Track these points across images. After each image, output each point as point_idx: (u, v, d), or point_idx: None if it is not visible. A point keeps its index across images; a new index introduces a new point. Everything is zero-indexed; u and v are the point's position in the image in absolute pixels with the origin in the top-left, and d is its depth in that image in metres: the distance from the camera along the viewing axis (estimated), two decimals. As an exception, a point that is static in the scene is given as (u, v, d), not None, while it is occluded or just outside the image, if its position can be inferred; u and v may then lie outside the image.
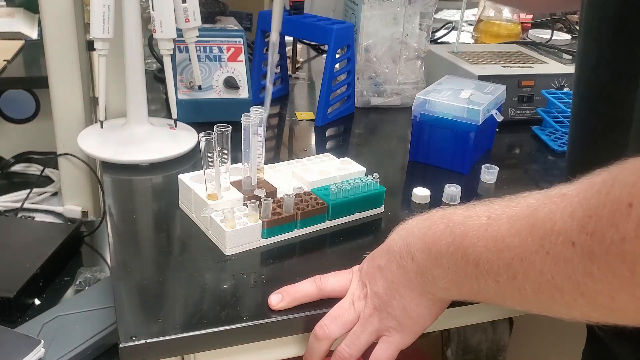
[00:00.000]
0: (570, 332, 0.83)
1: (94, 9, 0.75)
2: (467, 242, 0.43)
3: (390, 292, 0.50)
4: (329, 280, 0.55)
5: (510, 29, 1.47)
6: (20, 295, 0.78)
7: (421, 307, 0.50)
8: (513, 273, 0.40)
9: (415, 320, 0.50)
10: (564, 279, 0.37)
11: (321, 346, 0.52)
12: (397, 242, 0.50)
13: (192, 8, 0.79)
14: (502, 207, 0.42)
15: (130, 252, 0.61)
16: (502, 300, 0.44)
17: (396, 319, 0.50)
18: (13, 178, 1.21)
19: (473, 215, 0.44)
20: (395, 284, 0.50)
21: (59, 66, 0.96)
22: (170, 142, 0.82)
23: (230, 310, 0.52)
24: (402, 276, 0.49)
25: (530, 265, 0.39)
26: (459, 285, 0.45)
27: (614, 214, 0.33)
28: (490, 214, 0.43)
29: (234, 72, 0.91)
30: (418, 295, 0.49)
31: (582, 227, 0.35)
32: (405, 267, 0.49)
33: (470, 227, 0.44)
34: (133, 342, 0.48)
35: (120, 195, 0.73)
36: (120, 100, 0.86)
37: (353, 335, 0.52)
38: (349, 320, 0.52)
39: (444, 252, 0.45)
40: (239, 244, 0.61)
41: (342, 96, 1.00)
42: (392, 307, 0.50)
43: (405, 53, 1.03)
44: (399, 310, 0.50)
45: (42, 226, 0.97)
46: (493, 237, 0.41)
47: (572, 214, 0.36)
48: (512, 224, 0.40)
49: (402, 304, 0.50)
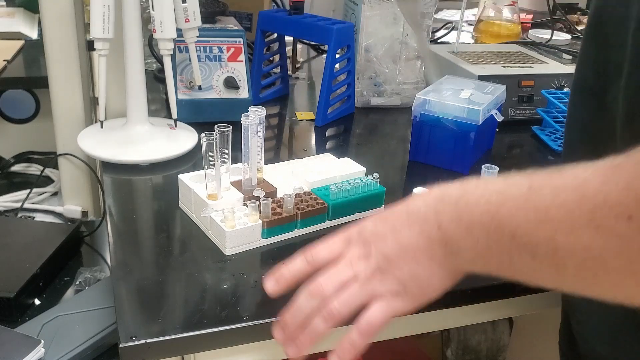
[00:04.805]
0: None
1: (94, 9, 0.75)
2: (504, 212, 0.40)
3: (402, 256, 0.46)
4: (319, 251, 0.51)
5: (510, 29, 1.46)
6: (20, 295, 0.78)
7: (434, 278, 0.46)
8: (554, 247, 0.37)
9: (424, 290, 0.47)
10: (614, 256, 0.34)
11: (311, 304, 0.49)
12: (421, 207, 0.46)
13: (192, 8, 0.79)
14: (546, 177, 0.39)
15: (130, 252, 0.61)
16: (533, 276, 0.41)
17: (403, 285, 0.46)
18: (13, 178, 1.21)
19: (512, 184, 0.41)
20: (411, 249, 0.46)
21: (59, 66, 0.96)
22: (171, 142, 0.82)
23: (230, 310, 0.52)
24: (422, 243, 0.45)
25: (577, 240, 0.36)
26: (487, 258, 0.42)
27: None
28: (532, 183, 0.39)
29: (234, 72, 0.91)
30: (437, 266, 0.45)
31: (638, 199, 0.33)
32: (429, 234, 0.45)
33: (509, 196, 0.40)
34: (133, 342, 0.48)
35: (120, 195, 0.73)
36: (120, 100, 0.86)
37: (348, 294, 0.48)
38: (345, 280, 0.48)
39: (477, 222, 0.42)
40: (239, 244, 0.61)
41: (342, 96, 1.00)
42: (402, 272, 0.46)
43: (405, 53, 1.03)
44: (408, 276, 0.46)
45: (42, 226, 0.97)
46: (534, 208, 0.38)
47: (629, 185, 0.33)
48: (557, 194, 0.37)
49: (415, 271, 0.46)
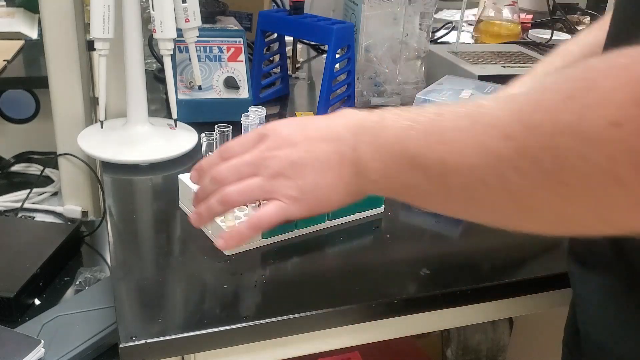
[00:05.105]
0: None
1: (94, 9, 0.74)
2: (408, 137, 0.43)
3: (310, 166, 0.48)
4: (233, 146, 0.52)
5: (510, 29, 1.46)
6: (20, 295, 0.78)
7: (333, 193, 0.48)
8: (444, 168, 0.40)
9: (321, 202, 0.49)
10: (492, 174, 0.37)
11: (213, 187, 0.51)
12: (341, 126, 0.48)
13: (192, 8, 0.79)
14: (453, 106, 0.42)
15: (130, 252, 0.61)
16: (427, 199, 0.44)
17: (302, 192, 0.48)
18: (13, 178, 1.21)
19: (423, 112, 0.44)
20: (320, 162, 0.48)
21: (59, 66, 0.95)
22: (171, 142, 0.82)
23: (230, 310, 0.52)
24: (334, 159, 0.47)
25: (463, 159, 0.38)
26: (390, 180, 0.45)
27: (556, 106, 0.33)
28: (439, 111, 0.42)
29: (234, 72, 0.91)
30: (342, 184, 0.48)
31: (522, 121, 0.35)
32: (343, 153, 0.47)
33: (416, 122, 0.43)
34: (133, 342, 0.48)
35: (120, 195, 0.73)
36: (120, 100, 0.86)
37: (246, 184, 0.50)
38: (247, 172, 0.50)
39: (386, 146, 0.44)
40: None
41: (342, 96, 1.00)
42: (304, 181, 0.48)
43: (406, 53, 1.03)
44: (309, 186, 0.48)
45: (42, 226, 0.97)
46: (433, 132, 0.41)
47: (517, 112, 0.36)
48: (456, 119, 0.40)
49: (317, 183, 0.48)
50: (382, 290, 0.57)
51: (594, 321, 0.49)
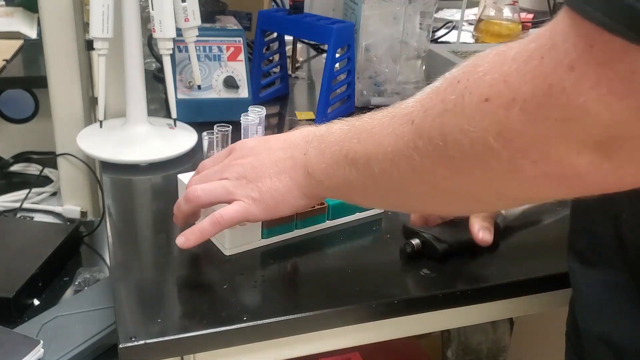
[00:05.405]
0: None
1: (93, 9, 0.74)
2: (346, 137, 0.48)
3: (269, 170, 0.53)
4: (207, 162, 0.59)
5: (510, 28, 1.46)
6: (20, 296, 0.78)
7: (290, 196, 0.53)
8: (368, 158, 0.45)
9: (278, 204, 0.53)
10: (400, 156, 0.42)
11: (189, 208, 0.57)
12: (297, 136, 0.54)
13: (191, 7, 0.79)
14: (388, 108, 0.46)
15: (130, 252, 0.61)
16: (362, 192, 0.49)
17: (261, 194, 0.53)
18: (12, 178, 1.21)
19: (364, 116, 0.48)
20: (277, 166, 0.53)
21: (58, 66, 0.95)
22: (170, 142, 0.82)
23: (230, 310, 0.52)
24: (289, 164, 0.53)
25: (380, 148, 0.44)
26: (332, 178, 0.49)
27: (445, 89, 0.39)
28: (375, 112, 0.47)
29: (233, 72, 0.91)
30: (296, 186, 0.53)
31: (422, 106, 0.41)
32: (297, 158, 0.53)
33: (353, 125, 0.48)
34: (132, 342, 0.48)
35: (119, 195, 0.73)
36: (119, 100, 0.86)
37: (211, 184, 0.55)
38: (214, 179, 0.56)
39: (329, 148, 0.49)
40: (238, 244, 0.60)
41: (342, 96, 1.00)
42: (263, 184, 0.53)
43: (406, 52, 1.02)
44: (267, 188, 0.53)
45: (41, 226, 0.97)
46: (364, 129, 0.47)
47: (419, 98, 0.42)
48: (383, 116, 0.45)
49: (275, 185, 0.53)
50: (382, 290, 0.56)
51: (594, 316, 0.50)
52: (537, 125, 0.33)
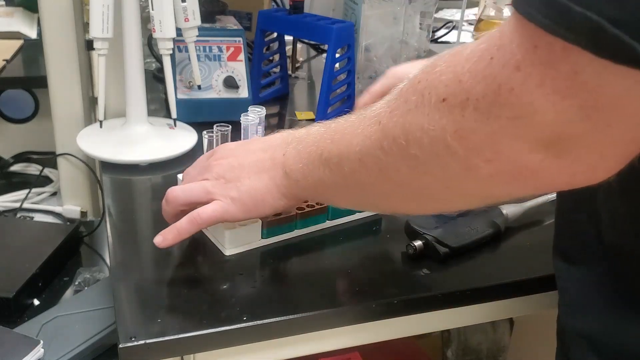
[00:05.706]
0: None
1: (93, 9, 0.74)
2: (322, 138, 0.49)
3: (248, 171, 0.54)
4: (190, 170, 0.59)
5: (510, 28, 1.46)
6: (20, 296, 0.78)
7: (269, 195, 0.53)
8: (340, 158, 0.46)
9: (257, 203, 0.54)
10: (368, 155, 0.43)
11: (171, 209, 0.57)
12: (277, 138, 0.55)
13: (191, 7, 0.79)
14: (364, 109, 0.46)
15: (130, 252, 0.61)
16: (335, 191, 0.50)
17: (240, 194, 0.54)
18: (12, 178, 1.21)
19: (340, 118, 0.49)
20: (257, 167, 0.54)
21: (58, 66, 0.95)
22: (170, 141, 0.82)
23: (230, 310, 0.52)
24: (268, 164, 0.54)
25: (350, 148, 0.45)
26: (308, 178, 0.50)
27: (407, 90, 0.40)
28: (350, 115, 0.48)
29: (233, 72, 0.91)
30: (274, 186, 0.53)
31: (389, 107, 0.42)
32: (276, 159, 0.53)
33: (329, 127, 0.49)
34: (132, 342, 0.48)
35: (119, 195, 0.73)
36: (119, 100, 0.86)
37: (191, 185, 0.56)
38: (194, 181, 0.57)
39: (305, 149, 0.50)
40: (238, 244, 0.60)
41: (342, 96, 1.00)
42: (242, 183, 0.54)
43: (406, 52, 1.02)
44: (246, 188, 0.53)
45: (41, 226, 0.97)
46: (337, 130, 0.48)
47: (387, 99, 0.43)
48: (356, 118, 0.46)
49: (254, 185, 0.53)
50: (382, 290, 0.56)
51: (576, 312, 0.50)
52: (489, 124, 0.34)
